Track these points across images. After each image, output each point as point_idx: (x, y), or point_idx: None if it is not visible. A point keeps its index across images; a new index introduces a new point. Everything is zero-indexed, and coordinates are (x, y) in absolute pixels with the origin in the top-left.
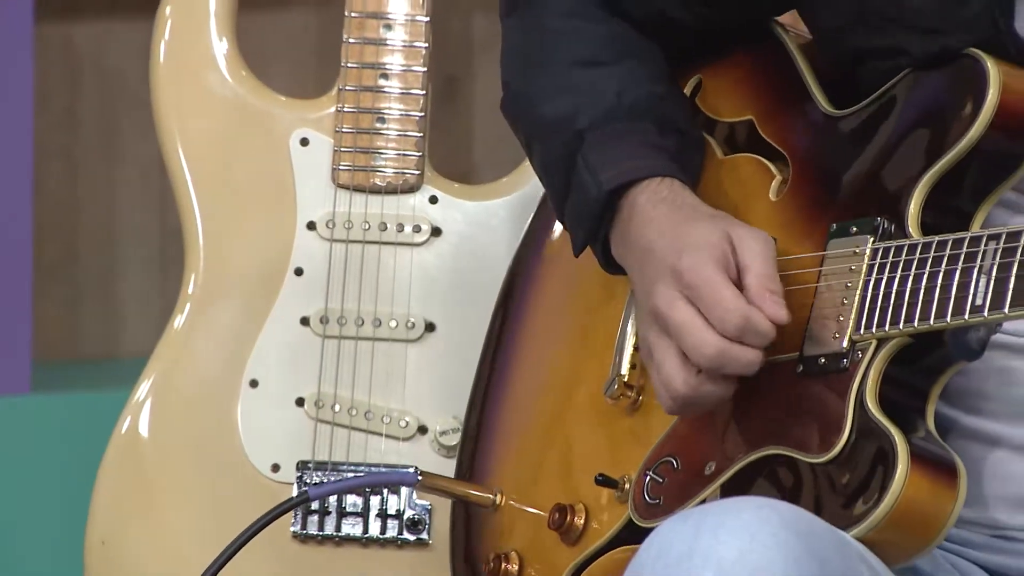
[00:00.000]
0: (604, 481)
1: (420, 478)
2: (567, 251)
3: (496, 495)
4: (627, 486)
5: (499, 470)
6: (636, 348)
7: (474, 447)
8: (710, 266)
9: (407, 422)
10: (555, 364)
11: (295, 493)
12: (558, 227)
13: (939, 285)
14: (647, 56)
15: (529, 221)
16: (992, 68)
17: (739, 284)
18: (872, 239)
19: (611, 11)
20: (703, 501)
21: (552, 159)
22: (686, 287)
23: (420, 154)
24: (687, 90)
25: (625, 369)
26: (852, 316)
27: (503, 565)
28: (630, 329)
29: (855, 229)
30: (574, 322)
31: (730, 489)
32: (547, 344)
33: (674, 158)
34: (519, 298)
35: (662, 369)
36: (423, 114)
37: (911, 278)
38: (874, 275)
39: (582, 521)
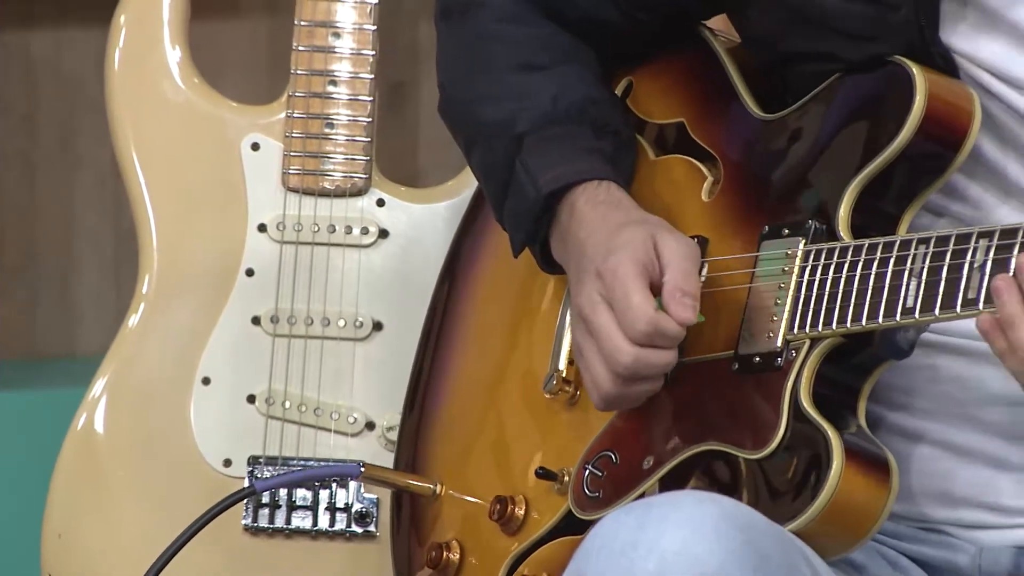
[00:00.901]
0: (544, 474)
1: (363, 470)
2: (503, 248)
3: (436, 486)
4: (566, 479)
5: (440, 463)
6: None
7: (414, 442)
8: (629, 268)
9: (355, 418)
10: (494, 359)
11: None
12: (493, 224)
13: (871, 287)
14: (582, 60)
15: (461, 220)
16: (918, 75)
17: (660, 284)
18: (804, 241)
19: (547, 15)
20: (642, 495)
21: (491, 163)
22: (605, 289)
23: (368, 158)
24: (618, 91)
25: (563, 364)
26: (785, 316)
27: (444, 554)
28: (567, 325)
29: (787, 231)
30: (512, 318)
31: (668, 483)
32: (485, 339)
33: (609, 161)
34: (455, 294)
35: (590, 370)
36: (371, 119)
37: (843, 280)
38: (806, 276)
39: (522, 512)
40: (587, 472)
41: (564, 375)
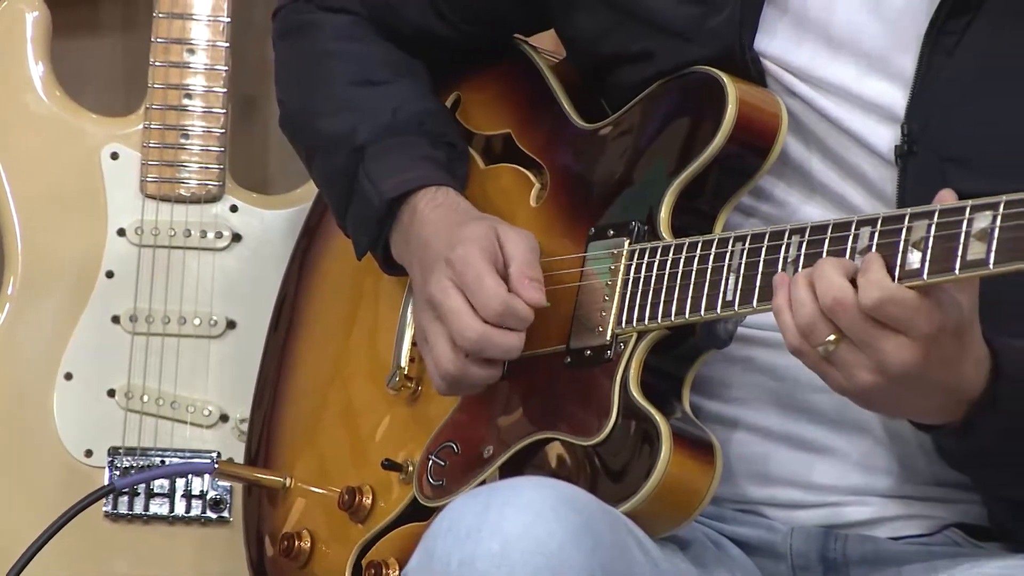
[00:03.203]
0: (390, 465)
1: (216, 467)
2: (345, 251)
3: (286, 479)
4: (411, 469)
5: (290, 455)
6: (415, 343)
7: (265, 435)
8: (478, 256)
9: (210, 411)
10: (339, 357)
11: (107, 476)
12: (334, 228)
13: (693, 283)
14: (417, 75)
15: (303, 224)
16: (730, 85)
17: (505, 275)
18: (628, 241)
19: (380, 33)
20: (483, 482)
21: (333, 172)
22: (456, 275)
23: (221, 167)
24: (447, 105)
25: (404, 362)
26: (613, 312)
27: (296, 543)
28: (408, 324)
29: (612, 232)
30: (355, 317)
31: (508, 471)
32: (330, 338)
33: (446, 168)
34: (301, 295)
35: (433, 351)
36: (224, 131)
37: (667, 276)
38: (632, 274)
39: (370, 501)
40: (430, 462)
41: (406, 372)
